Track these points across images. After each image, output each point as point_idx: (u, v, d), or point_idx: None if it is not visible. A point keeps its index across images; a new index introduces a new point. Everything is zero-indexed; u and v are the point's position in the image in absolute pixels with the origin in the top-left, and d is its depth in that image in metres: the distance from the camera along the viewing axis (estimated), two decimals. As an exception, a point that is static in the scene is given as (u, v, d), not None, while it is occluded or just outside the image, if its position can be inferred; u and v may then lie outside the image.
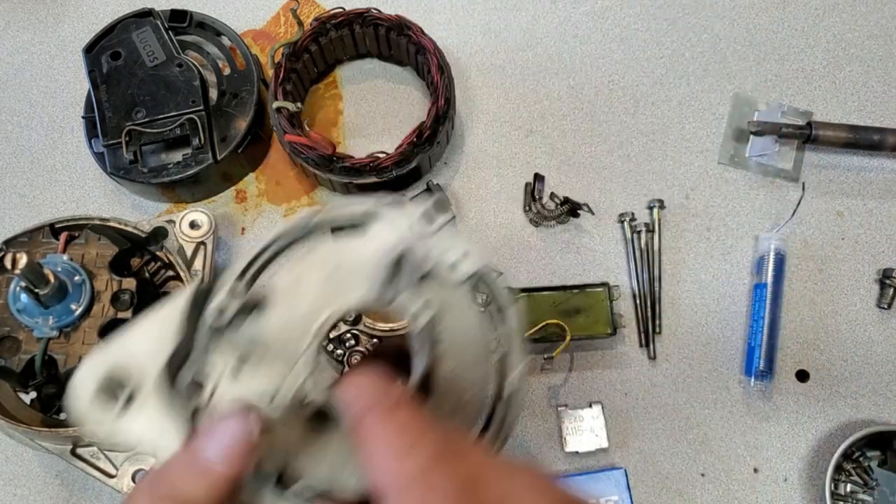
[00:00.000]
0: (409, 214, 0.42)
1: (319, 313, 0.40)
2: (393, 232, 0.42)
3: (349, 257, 0.41)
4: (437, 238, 0.42)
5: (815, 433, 0.75)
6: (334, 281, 0.41)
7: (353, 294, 0.41)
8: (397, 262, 0.41)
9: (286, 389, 0.39)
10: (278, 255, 0.42)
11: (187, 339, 0.39)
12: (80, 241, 0.67)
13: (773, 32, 0.88)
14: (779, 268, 0.77)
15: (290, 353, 0.39)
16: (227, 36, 0.84)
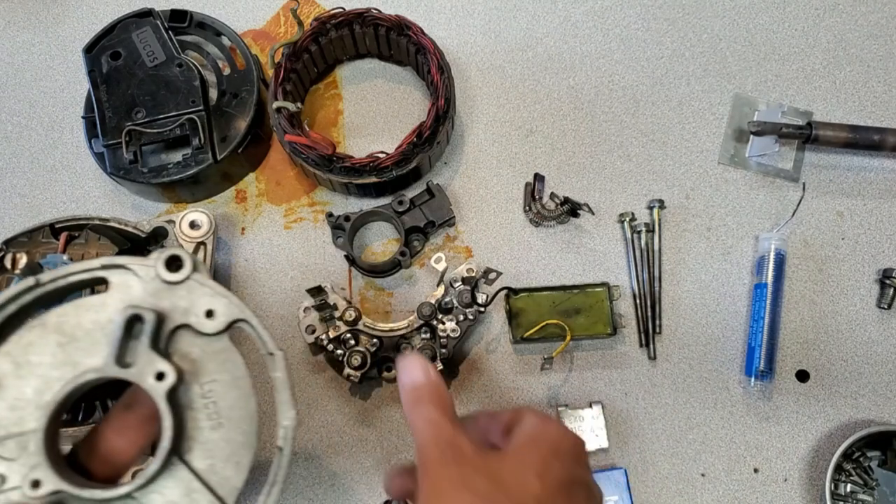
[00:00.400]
0: (148, 267, 0.40)
1: (53, 388, 0.37)
2: (132, 289, 0.39)
3: (85, 321, 0.38)
4: (184, 289, 0.39)
5: (816, 433, 0.75)
6: (69, 350, 0.38)
7: (90, 362, 0.38)
8: (133, 321, 0.38)
9: (18, 472, 0.36)
10: (2, 328, 0.39)
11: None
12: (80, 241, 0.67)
13: (774, 32, 0.88)
14: (779, 268, 0.77)
15: (21, 433, 0.37)
16: (227, 36, 0.84)
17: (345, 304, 0.72)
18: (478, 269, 0.72)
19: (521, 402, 0.77)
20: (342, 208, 0.82)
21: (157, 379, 0.38)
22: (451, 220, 0.80)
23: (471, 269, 0.72)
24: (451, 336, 0.71)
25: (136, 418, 0.41)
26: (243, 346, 0.43)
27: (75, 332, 0.38)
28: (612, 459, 0.75)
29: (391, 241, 0.82)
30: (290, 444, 0.39)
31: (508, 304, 0.75)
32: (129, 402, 0.41)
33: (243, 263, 0.81)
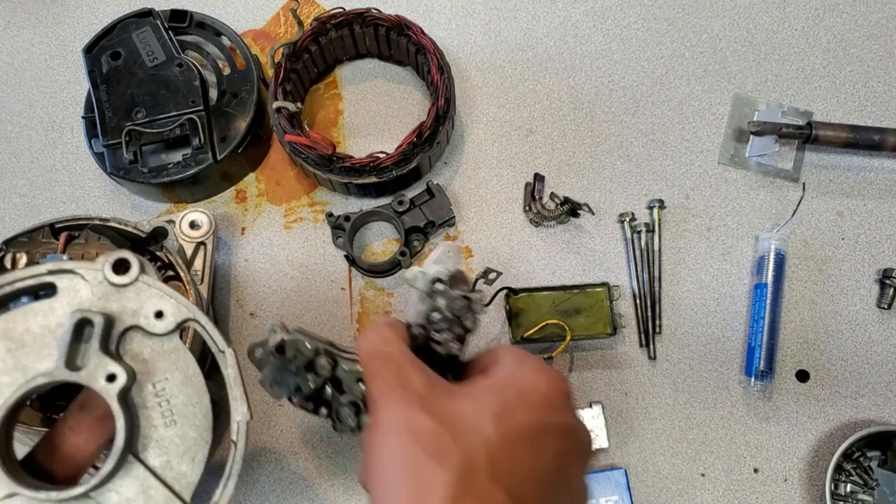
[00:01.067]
0: (96, 271, 0.40)
1: (3, 393, 0.38)
2: (80, 292, 0.40)
3: (34, 326, 0.39)
4: (132, 291, 0.40)
5: (816, 433, 0.75)
6: (19, 355, 0.38)
7: (40, 366, 0.38)
8: (82, 324, 0.39)
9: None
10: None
11: None
12: (79, 241, 0.67)
13: (774, 32, 0.88)
14: (779, 268, 0.77)
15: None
16: (227, 36, 0.84)
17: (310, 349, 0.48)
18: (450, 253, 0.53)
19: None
20: (342, 208, 0.82)
21: (108, 380, 0.38)
22: (451, 220, 0.80)
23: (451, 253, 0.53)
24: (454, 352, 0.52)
25: (90, 418, 0.41)
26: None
27: (24, 338, 0.38)
28: (612, 459, 0.75)
29: (391, 241, 0.82)
30: (243, 438, 0.39)
31: (508, 304, 0.75)
32: (83, 402, 0.41)
33: (243, 263, 0.81)
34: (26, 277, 0.40)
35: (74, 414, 0.42)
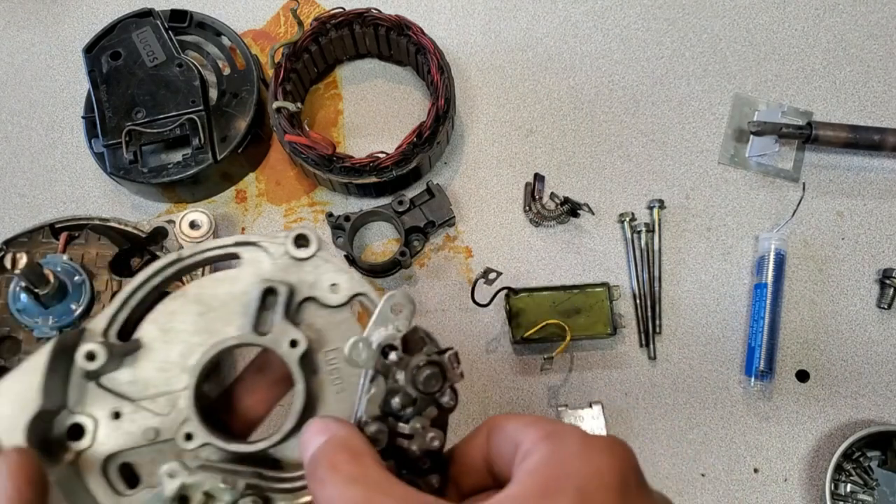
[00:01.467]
0: (279, 244, 0.43)
1: (195, 352, 0.41)
2: (263, 264, 0.42)
3: (221, 293, 0.42)
4: (310, 265, 0.42)
5: (816, 433, 0.75)
6: (208, 318, 0.42)
7: (227, 329, 0.41)
8: (267, 293, 0.41)
9: (169, 426, 0.40)
10: (148, 297, 0.42)
11: (57, 392, 0.39)
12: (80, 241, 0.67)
13: (774, 32, 0.88)
14: (779, 268, 0.77)
15: (170, 392, 0.40)
16: (227, 36, 0.84)
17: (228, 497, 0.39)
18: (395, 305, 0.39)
19: (521, 403, 0.77)
20: (342, 208, 0.82)
21: (291, 346, 0.40)
22: (451, 220, 0.80)
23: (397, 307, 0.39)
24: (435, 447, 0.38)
25: (266, 381, 0.44)
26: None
27: (212, 303, 0.42)
28: (612, 459, 0.75)
29: (391, 241, 0.82)
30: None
31: (508, 305, 0.75)
32: (260, 366, 0.45)
33: (243, 263, 0.81)
34: (214, 248, 0.43)
35: (251, 376, 0.45)
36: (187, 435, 0.40)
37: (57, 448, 0.39)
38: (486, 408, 0.76)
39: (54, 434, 0.39)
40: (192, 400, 0.40)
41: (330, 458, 0.34)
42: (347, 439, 0.35)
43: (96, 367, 0.38)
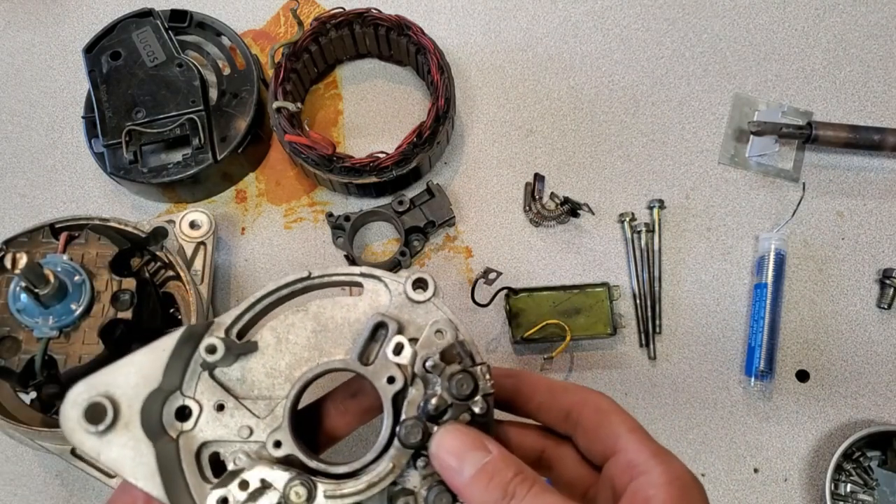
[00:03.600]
0: (398, 283, 0.45)
1: (301, 366, 0.44)
2: (381, 298, 0.45)
3: (338, 317, 0.45)
4: (423, 308, 0.45)
5: (816, 433, 0.75)
6: (320, 338, 0.44)
7: (335, 351, 0.44)
8: (378, 327, 0.44)
9: (263, 429, 0.42)
10: (272, 305, 0.45)
11: (176, 374, 0.42)
12: (80, 241, 0.67)
13: (774, 32, 0.88)
14: (779, 268, 0.77)
15: (271, 397, 0.43)
16: (227, 36, 0.84)
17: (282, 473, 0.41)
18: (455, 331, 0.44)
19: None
20: (342, 208, 0.82)
21: (388, 381, 0.42)
22: (451, 220, 0.80)
23: (441, 332, 0.44)
24: None
25: (357, 406, 0.47)
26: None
27: (328, 324, 0.44)
28: (612, 459, 0.75)
29: (391, 241, 0.82)
30: None
31: (508, 304, 0.75)
32: (354, 391, 0.47)
33: (243, 263, 0.81)
34: (342, 274, 0.46)
35: (344, 399, 0.48)
36: (277, 442, 0.42)
37: (164, 424, 0.42)
38: (486, 408, 0.76)
39: (165, 411, 0.42)
40: (288, 410, 0.43)
41: (516, 474, 0.37)
42: (514, 457, 0.39)
43: (215, 359, 0.41)
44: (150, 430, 0.40)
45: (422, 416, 0.42)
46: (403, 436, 0.41)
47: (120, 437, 0.40)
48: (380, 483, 0.41)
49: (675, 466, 0.41)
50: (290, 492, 0.40)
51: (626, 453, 0.41)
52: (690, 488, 0.41)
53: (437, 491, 0.41)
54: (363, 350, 0.43)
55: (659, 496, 0.39)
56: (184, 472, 0.42)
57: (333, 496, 0.41)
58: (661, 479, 0.40)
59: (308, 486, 0.40)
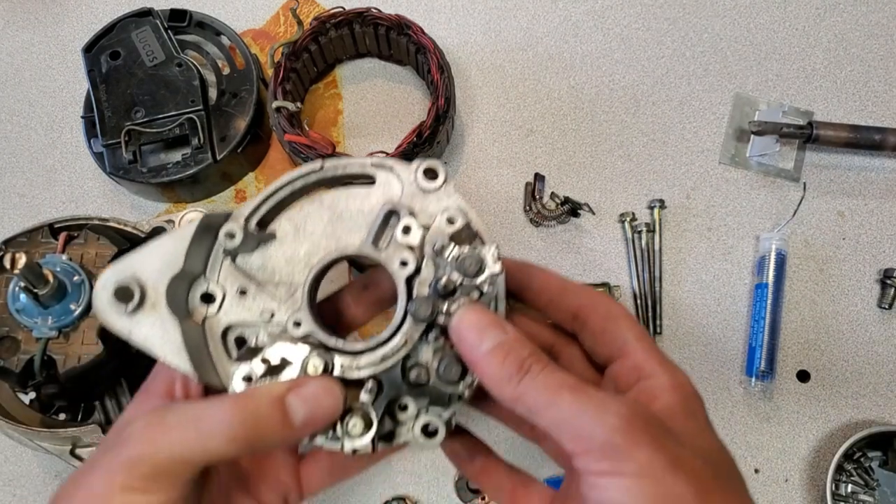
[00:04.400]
0: (409, 172, 0.46)
1: (319, 253, 0.46)
2: (393, 188, 0.46)
3: (352, 206, 0.46)
4: (435, 196, 0.46)
5: (816, 433, 0.75)
6: (336, 226, 0.46)
7: (350, 239, 0.46)
8: (390, 214, 0.45)
9: (284, 312, 0.45)
10: (288, 197, 0.47)
11: (199, 261, 0.45)
12: (79, 241, 0.67)
13: (774, 32, 0.88)
14: (780, 268, 0.77)
15: (290, 283, 0.46)
16: (227, 35, 0.84)
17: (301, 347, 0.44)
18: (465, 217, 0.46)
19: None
20: (342, 208, 0.82)
21: (401, 265, 0.44)
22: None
23: (452, 219, 0.46)
24: None
25: (371, 298, 0.50)
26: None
27: (343, 213, 0.46)
28: (612, 460, 0.74)
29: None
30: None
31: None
32: (366, 283, 0.50)
33: (243, 263, 0.81)
34: (354, 164, 0.47)
35: (358, 291, 0.50)
36: (296, 322, 0.44)
37: (190, 309, 0.45)
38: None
39: (190, 296, 0.45)
40: (307, 293, 0.45)
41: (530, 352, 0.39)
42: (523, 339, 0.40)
43: (233, 245, 0.44)
44: (176, 310, 0.43)
45: (432, 294, 0.44)
46: (415, 310, 0.43)
47: (148, 317, 0.43)
48: (393, 356, 0.44)
49: (680, 375, 0.43)
50: (308, 364, 0.43)
51: (632, 358, 0.43)
52: (693, 396, 0.43)
53: (447, 362, 0.43)
54: (376, 236, 0.45)
55: (662, 399, 0.41)
56: (210, 353, 0.44)
57: (350, 368, 0.43)
58: (668, 383, 0.42)
59: (325, 359, 0.43)
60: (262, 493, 0.49)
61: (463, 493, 0.73)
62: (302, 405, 0.41)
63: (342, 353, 0.44)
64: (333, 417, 0.42)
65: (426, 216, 0.46)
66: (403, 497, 0.73)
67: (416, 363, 0.44)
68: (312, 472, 0.50)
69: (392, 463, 0.75)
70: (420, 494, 0.74)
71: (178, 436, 0.39)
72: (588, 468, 0.36)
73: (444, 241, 0.45)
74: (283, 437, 0.41)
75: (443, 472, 0.74)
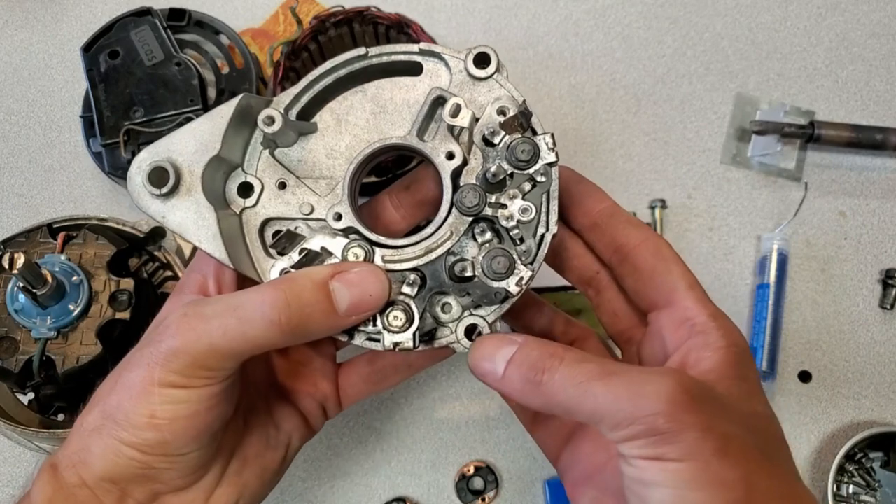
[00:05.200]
0: (458, 60, 0.44)
1: (361, 146, 0.44)
2: (441, 77, 0.44)
3: (397, 97, 0.44)
4: (485, 85, 0.44)
5: (818, 434, 0.75)
6: (380, 118, 0.44)
7: (394, 132, 0.44)
8: (437, 102, 0.43)
9: (324, 206, 0.43)
10: (331, 86, 0.45)
11: (237, 149, 0.43)
12: (78, 240, 0.66)
13: (776, 31, 0.87)
14: (781, 268, 0.77)
15: (331, 177, 0.44)
16: (226, 34, 0.84)
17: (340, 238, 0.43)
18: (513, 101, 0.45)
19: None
20: (342, 208, 0.82)
21: (447, 157, 0.42)
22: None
23: (503, 109, 0.43)
24: (524, 220, 0.42)
25: (413, 200, 0.48)
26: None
27: (386, 105, 0.44)
28: (613, 461, 0.74)
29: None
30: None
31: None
32: (408, 184, 0.48)
33: (242, 263, 0.81)
34: (400, 52, 0.44)
35: (399, 193, 0.48)
36: (337, 215, 0.42)
37: (228, 199, 0.43)
38: (487, 409, 0.76)
39: (228, 187, 0.43)
40: (347, 186, 0.43)
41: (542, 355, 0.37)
42: (541, 340, 0.38)
43: (273, 131, 0.41)
44: (212, 197, 0.41)
45: (481, 184, 0.41)
46: (460, 200, 0.41)
47: (183, 202, 0.41)
48: (437, 248, 0.42)
49: (733, 332, 0.39)
50: (348, 253, 0.41)
51: (682, 309, 0.40)
52: (746, 357, 0.39)
53: (493, 255, 0.40)
54: (421, 127, 0.43)
55: (713, 358, 0.38)
56: (248, 245, 0.43)
57: (392, 260, 0.42)
58: (720, 342, 0.38)
59: (365, 248, 0.41)
60: (301, 399, 0.47)
61: (463, 494, 0.73)
62: (347, 290, 0.39)
63: (384, 247, 0.42)
64: (379, 304, 0.40)
65: (476, 107, 0.43)
66: (403, 498, 0.73)
67: (461, 258, 0.42)
68: (350, 380, 0.48)
69: (392, 463, 0.74)
70: (420, 495, 0.74)
71: (218, 324, 0.37)
72: (631, 454, 0.34)
73: (495, 127, 0.42)
74: (326, 325, 0.39)
75: (443, 472, 0.74)
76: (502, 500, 0.73)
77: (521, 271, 0.40)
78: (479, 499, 0.73)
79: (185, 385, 0.37)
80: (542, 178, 0.41)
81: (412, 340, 0.40)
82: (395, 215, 0.48)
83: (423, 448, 0.75)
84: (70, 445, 0.39)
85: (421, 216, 0.48)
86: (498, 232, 0.42)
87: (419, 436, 0.75)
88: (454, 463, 0.74)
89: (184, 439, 0.38)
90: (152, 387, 0.37)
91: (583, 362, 0.36)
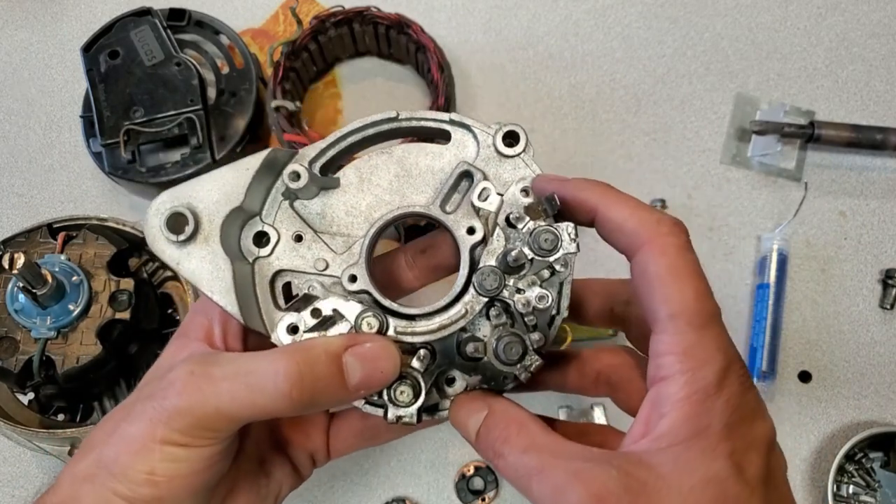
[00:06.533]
0: (487, 134, 0.44)
1: (381, 208, 0.43)
2: (468, 149, 0.44)
3: (422, 163, 0.44)
4: (512, 163, 0.44)
5: (818, 434, 0.75)
6: (402, 182, 0.44)
7: (416, 198, 0.43)
8: (463, 176, 0.43)
9: (339, 264, 0.42)
10: (357, 144, 0.44)
11: (257, 198, 0.43)
12: (77, 240, 0.67)
13: (776, 31, 0.87)
14: (781, 268, 0.77)
15: (349, 235, 0.43)
16: (226, 34, 0.84)
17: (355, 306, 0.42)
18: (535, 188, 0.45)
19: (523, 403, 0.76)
20: (342, 208, 0.82)
21: (468, 232, 0.42)
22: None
23: (527, 190, 0.44)
24: (540, 307, 0.43)
25: (428, 263, 0.47)
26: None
27: (411, 170, 0.44)
28: (613, 461, 0.74)
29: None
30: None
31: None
32: (424, 248, 0.47)
33: (242, 263, 0.81)
34: (430, 119, 0.44)
35: (415, 255, 0.47)
36: (352, 276, 0.42)
37: (242, 248, 0.43)
38: (487, 409, 0.76)
39: (244, 235, 0.43)
40: (366, 249, 0.42)
41: (501, 431, 0.37)
42: (507, 410, 0.38)
43: (297, 186, 0.41)
44: (229, 248, 0.41)
45: (500, 266, 0.41)
46: (479, 282, 0.40)
47: (200, 250, 0.41)
48: (451, 326, 0.41)
49: (702, 375, 0.35)
50: (362, 322, 0.40)
51: (658, 342, 0.37)
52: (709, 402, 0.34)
53: (507, 341, 0.40)
54: (445, 198, 0.43)
55: (669, 418, 0.34)
56: (257, 295, 0.42)
57: (404, 333, 0.41)
58: (679, 393, 0.34)
59: (380, 318, 0.40)
60: (293, 449, 0.47)
61: (463, 494, 0.73)
62: (360, 364, 0.38)
63: (397, 316, 0.41)
64: (388, 381, 0.39)
65: (499, 183, 0.43)
66: (403, 498, 0.73)
67: (472, 337, 0.41)
68: (342, 433, 0.48)
69: (392, 463, 0.74)
70: (420, 495, 0.73)
71: (227, 389, 0.36)
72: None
73: (520, 211, 0.42)
74: (336, 398, 0.38)
75: (443, 472, 0.74)
76: (502, 500, 0.73)
77: (531, 358, 0.40)
78: (479, 499, 0.73)
79: (186, 444, 0.37)
80: (560, 268, 0.43)
81: (416, 416, 0.40)
82: (408, 274, 0.48)
83: (423, 448, 0.75)
84: (60, 491, 0.38)
85: (433, 279, 0.48)
86: (512, 314, 0.42)
87: (419, 435, 0.75)
88: (454, 463, 0.74)
89: (180, 497, 0.38)
90: (154, 444, 0.37)
91: (526, 452, 0.35)
